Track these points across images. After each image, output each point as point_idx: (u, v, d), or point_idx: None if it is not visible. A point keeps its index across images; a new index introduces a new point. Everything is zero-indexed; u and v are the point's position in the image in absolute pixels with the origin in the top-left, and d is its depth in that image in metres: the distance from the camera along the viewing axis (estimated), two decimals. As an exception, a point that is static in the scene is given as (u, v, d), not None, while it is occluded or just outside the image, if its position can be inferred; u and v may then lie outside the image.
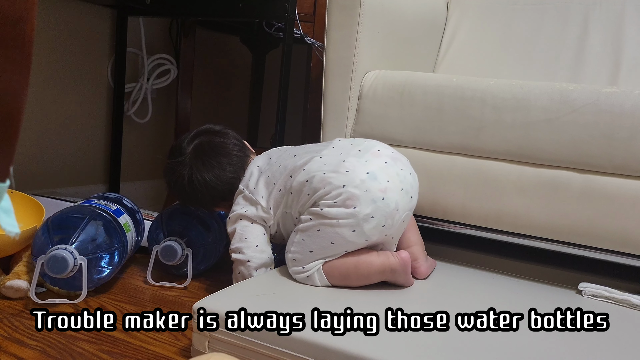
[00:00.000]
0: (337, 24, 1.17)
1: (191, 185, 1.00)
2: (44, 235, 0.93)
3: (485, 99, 1.03)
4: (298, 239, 0.90)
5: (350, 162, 0.90)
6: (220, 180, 1.00)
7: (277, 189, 0.95)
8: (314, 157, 0.93)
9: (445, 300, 0.88)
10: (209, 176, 0.99)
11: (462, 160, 1.08)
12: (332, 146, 0.96)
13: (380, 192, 0.87)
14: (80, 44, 1.54)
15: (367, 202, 0.86)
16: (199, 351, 0.76)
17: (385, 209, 0.87)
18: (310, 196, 0.89)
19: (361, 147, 0.94)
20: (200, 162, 0.99)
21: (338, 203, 0.86)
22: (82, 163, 1.60)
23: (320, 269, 0.88)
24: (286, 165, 0.96)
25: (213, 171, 0.99)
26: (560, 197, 0.99)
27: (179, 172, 1.00)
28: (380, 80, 1.15)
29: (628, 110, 0.93)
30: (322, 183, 0.88)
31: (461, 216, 1.08)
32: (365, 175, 0.88)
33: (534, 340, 0.74)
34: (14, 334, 0.81)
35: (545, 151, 1.00)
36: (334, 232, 0.87)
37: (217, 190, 1.00)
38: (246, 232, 0.96)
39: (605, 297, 0.95)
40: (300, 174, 0.92)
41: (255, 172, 0.99)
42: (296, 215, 0.93)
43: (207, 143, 1.01)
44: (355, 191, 0.86)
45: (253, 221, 0.96)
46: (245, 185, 0.98)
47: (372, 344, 0.68)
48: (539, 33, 1.45)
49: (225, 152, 1.01)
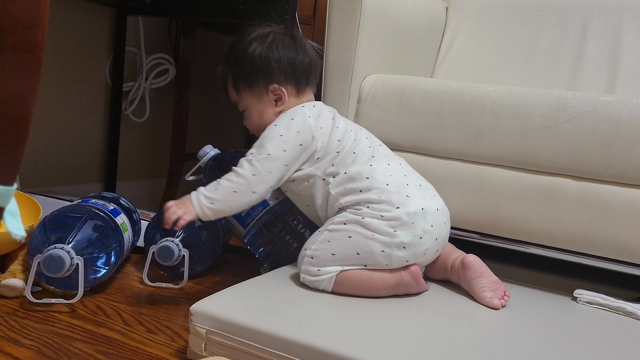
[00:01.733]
0: (338, 28, 1.17)
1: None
2: (40, 234, 0.93)
3: (484, 105, 1.04)
4: (323, 239, 0.88)
5: (412, 189, 0.90)
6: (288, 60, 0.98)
7: (339, 148, 0.93)
8: (382, 160, 0.93)
9: (441, 305, 0.88)
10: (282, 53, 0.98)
11: (460, 165, 1.08)
12: (399, 162, 0.96)
13: (423, 231, 0.88)
14: (78, 42, 1.54)
15: (408, 233, 0.86)
16: (196, 353, 0.76)
17: (418, 248, 0.88)
18: (362, 193, 0.89)
19: (422, 183, 0.94)
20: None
21: (384, 218, 0.86)
22: (78, 161, 1.60)
23: (334, 277, 0.87)
24: (358, 134, 0.96)
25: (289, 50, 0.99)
26: (556, 204, 1.00)
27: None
28: (379, 85, 1.15)
29: (625, 118, 0.94)
30: (380, 192, 0.88)
31: (458, 221, 1.09)
32: (420, 209, 0.88)
33: (528, 347, 0.75)
34: (10, 333, 0.81)
35: (542, 158, 1.00)
36: (365, 244, 0.86)
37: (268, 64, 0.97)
38: (278, 170, 0.90)
39: (600, 305, 0.96)
40: (364, 167, 0.91)
41: (328, 115, 0.97)
42: (333, 195, 0.91)
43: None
44: (405, 218, 0.86)
45: (293, 162, 0.92)
46: (313, 115, 0.95)
47: (369, 347, 0.68)
48: (537, 40, 1.45)
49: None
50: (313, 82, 1.02)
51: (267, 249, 1.11)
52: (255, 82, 0.99)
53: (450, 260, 0.94)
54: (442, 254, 0.96)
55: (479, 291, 0.88)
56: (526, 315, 0.87)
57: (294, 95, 1.00)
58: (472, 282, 0.89)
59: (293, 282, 0.90)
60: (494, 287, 0.88)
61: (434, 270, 0.97)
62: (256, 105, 1.00)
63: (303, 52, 1.00)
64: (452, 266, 0.93)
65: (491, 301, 0.87)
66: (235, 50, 1.01)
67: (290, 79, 0.99)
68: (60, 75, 1.51)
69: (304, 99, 1.01)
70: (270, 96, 0.99)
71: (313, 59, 1.02)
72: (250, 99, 1.00)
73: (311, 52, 1.02)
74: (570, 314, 0.91)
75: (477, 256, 0.91)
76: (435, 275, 0.97)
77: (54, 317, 0.88)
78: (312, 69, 1.01)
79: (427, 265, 0.97)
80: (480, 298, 0.88)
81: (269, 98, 0.99)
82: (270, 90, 0.98)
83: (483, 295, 0.87)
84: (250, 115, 1.02)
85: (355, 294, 0.87)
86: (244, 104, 1.02)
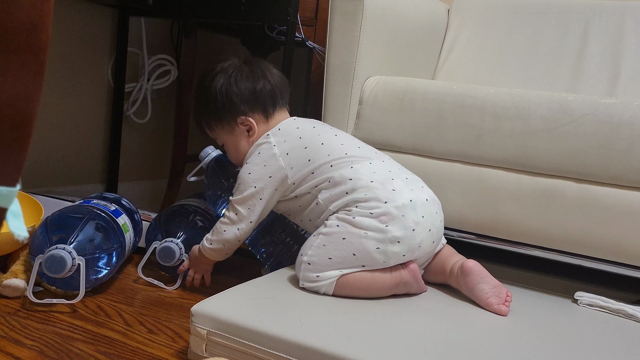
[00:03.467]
0: (340, 29, 1.17)
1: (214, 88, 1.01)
2: (42, 235, 0.93)
3: (485, 107, 1.04)
4: (318, 243, 0.88)
5: (397, 183, 0.90)
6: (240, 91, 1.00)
7: (310, 168, 0.94)
8: (363, 160, 0.93)
9: (441, 307, 0.88)
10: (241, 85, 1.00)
11: (460, 167, 1.08)
12: (382, 160, 0.96)
13: (414, 223, 0.88)
14: (81, 42, 1.54)
15: (399, 226, 0.87)
16: (197, 354, 0.76)
17: (412, 240, 0.87)
18: (349, 195, 0.89)
19: (408, 176, 0.94)
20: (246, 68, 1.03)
21: (373, 215, 0.87)
22: (80, 162, 1.60)
23: (335, 282, 0.86)
24: (330, 145, 0.95)
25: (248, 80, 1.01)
26: (555, 206, 1.00)
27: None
28: (381, 86, 1.15)
29: (626, 121, 0.94)
30: (366, 190, 0.88)
31: (458, 223, 1.09)
32: (408, 201, 0.88)
33: (529, 349, 0.75)
34: (11, 333, 0.81)
35: (543, 160, 1.00)
36: (360, 244, 0.86)
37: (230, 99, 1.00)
38: (255, 205, 0.96)
39: (600, 307, 0.96)
40: (346, 170, 0.91)
41: (294, 134, 0.98)
42: (322, 204, 0.92)
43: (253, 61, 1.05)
44: (394, 211, 0.87)
45: (267, 194, 0.95)
46: (277, 143, 0.97)
47: (369, 349, 0.68)
48: (538, 42, 1.46)
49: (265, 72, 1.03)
50: (282, 102, 1.04)
51: (269, 250, 1.11)
52: (224, 118, 1.02)
53: (450, 264, 0.94)
54: (441, 257, 0.96)
55: (483, 298, 0.87)
56: (527, 317, 0.87)
57: (264, 122, 1.02)
58: (474, 288, 0.88)
59: (294, 283, 0.90)
60: (496, 292, 0.88)
61: (432, 274, 0.97)
62: (231, 139, 1.03)
63: (263, 80, 1.02)
64: (451, 271, 0.93)
65: (499, 308, 0.86)
66: (200, 92, 1.05)
67: (256, 107, 1.01)
68: (63, 75, 1.51)
69: (274, 121, 1.02)
70: (241, 128, 1.02)
71: (275, 82, 1.03)
72: (224, 134, 1.04)
73: (273, 76, 1.04)
74: (571, 316, 0.91)
75: (476, 261, 0.90)
76: (434, 278, 0.97)
77: (55, 317, 0.88)
78: (277, 92, 1.03)
79: (425, 267, 0.97)
80: (487, 305, 0.87)
81: (240, 130, 1.02)
82: (239, 122, 1.01)
83: (489, 302, 0.87)
84: (229, 149, 1.06)
85: (357, 296, 0.87)
86: (220, 139, 1.06)
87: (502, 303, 0.87)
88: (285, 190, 0.96)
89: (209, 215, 1.15)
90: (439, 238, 0.94)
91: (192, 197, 1.26)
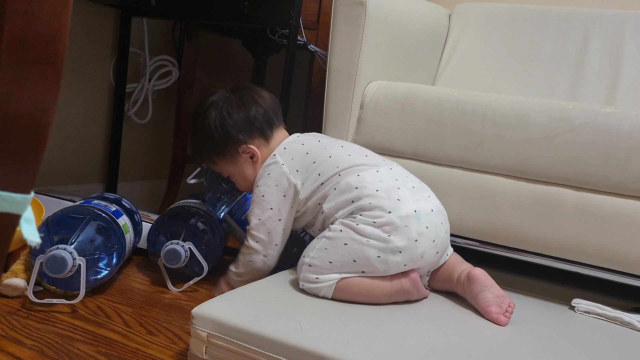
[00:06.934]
0: (342, 34, 1.18)
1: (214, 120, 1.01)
2: (43, 235, 0.94)
3: (485, 114, 1.05)
4: (320, 246, 0.89)
5: (403, 192, 0.90)
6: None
7: (320, 181, 0.94)
8: (370, 168, 0.94)
9: (441, 314, 0.89)
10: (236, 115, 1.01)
11: (460, 173, 1.09)
12: (389, 167, 0.96)
13: (417, 233, 0.88)
14: (83, 42, 1.55)
15: (402, 236, 0.87)
16: (197, 356, 0.76)
17: (414, 251, 0.87)
18: (354, 203, 0.90)
19: (415, 185, 0.94)
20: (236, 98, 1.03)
21: (377, 224, 0.87)
22: (80, 161, 1.61)
23: (334, 284, 0.87)
24: (339, 157, 0.95)
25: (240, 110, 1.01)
26: (554, 213, 1.01)
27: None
28: (382, 91, 1.16)
29: (625, 130, 0.95)
30: (371, 198, 0.89)
31: (457, 229, 1.09)
32: (413, 212, 0.88)
33: (526, 356, 0.75)
34: (12, 332, 0.81)
35: (542, 168, 1.01)
36: (361, 251, 0.86)
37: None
38: (275, 228, 0.96)
39: (597, 314, 0.97)
40: (352, 177, 0.92)
41: (300, 151, 0.98)
42: (327, 212, 0.93)
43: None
44: (398, 221, 0.87)
45: (285, 213, 0.96)
46: (285, 162, 0.97)
47: (369, 353, 0.69)
48: (538, 49, 1.47)
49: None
50: (278, 122, 1.05)
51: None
52: (225, 151, 1.02)
53: (457, 272, 0.94)
54: (449, 265, 0.96)
55: (484, 306, 0.87)
56: (524, 324, 0.88)
57: (265, 145, 1.02)
58: (477, 296, 0.88)
59: (294, 286, 0.91)
60: (499, 302, 0.87)
61: (439, 281, 0.97)
62: (236, 169, 1.03)
63: (254, 105, 1.02)
64: (457, 279, 0.93)
65: (497, 317, 0.86)
66: (196, 130, 1.05)
67: (254, 134, 1.01)
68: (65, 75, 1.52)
69: (275, 141, 1.03)
70: (244, 156, 1.02)
71: (267, 105, 1.04)
72: (227, 165, 1.04)
73: (263, 100, 1.04)
74: (567, 323, 0.92)
75: (483, 270, 0.90)
76: (440, 286, 0.97)
77: (55, 317, 0.88)
78: (271, 114, 1.03)
79: (432, 274, 0.97)
80: (486, 313, 0.87)
81: (243, 158, 1.02)
82: (241, 151, 1.01)
83: (489, 310, 0.87)
84: (236, 180, 1.05)
85: (356, 301, 0.88)
86: (226, 171, 1.05)
87: (502, 313, 0.87)
88: (298, 206, 0.97)
89: (210, 216, 1.16)
90: (443, 249, 0.94)
91: (190, 198, 1.26)
